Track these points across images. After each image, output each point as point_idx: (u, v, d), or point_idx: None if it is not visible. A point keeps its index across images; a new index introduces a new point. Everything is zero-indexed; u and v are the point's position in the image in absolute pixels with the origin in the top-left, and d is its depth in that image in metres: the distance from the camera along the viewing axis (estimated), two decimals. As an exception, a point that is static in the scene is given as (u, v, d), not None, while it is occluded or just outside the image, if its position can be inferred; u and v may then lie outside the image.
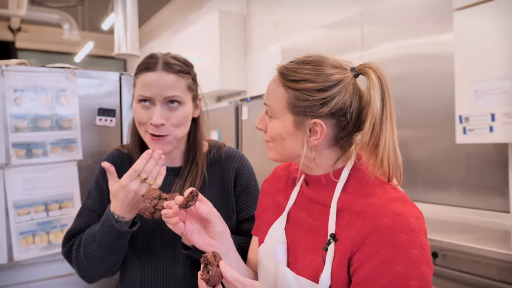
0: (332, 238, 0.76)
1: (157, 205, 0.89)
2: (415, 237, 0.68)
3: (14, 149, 1.33)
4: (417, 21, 2.79)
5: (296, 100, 0.77)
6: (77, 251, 1.03)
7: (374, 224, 0.70)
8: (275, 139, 0.82)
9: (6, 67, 1.34)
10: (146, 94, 0.99)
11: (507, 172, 2.34)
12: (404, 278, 0.66)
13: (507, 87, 2.09)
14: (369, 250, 0.69)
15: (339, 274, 0.73)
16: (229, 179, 1.11)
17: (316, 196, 0.84)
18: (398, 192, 0.75)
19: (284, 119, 0.80)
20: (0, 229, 1.31)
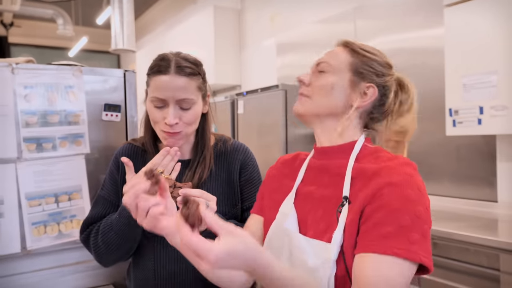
0: (345, 200, 0.80)
1: (173, 192, 0.96)
2: (422, 197, 0.75)
3: (25, 143, 1.39)
4: (408, 16, 2.87)
5: (360, 63, 0.88)
6: (95, 238, 1.10)
7: (386, 180, 0.75)
8: (322, 89, 0.88)
9: (16, 65, 1.39)
10: (159, 96, 1.04)
11: (495, 163, 2.43)
12: (408, 228, 0.71)
13: (494, 81, 2.17)
14: (380, 202, 0.74)
15: (351, 229, 0.77)
16: (235, 170, 1.18)
17: (327, 165, 0.89)
18: (410, 161, 0.82)
19: (341, 75, 0.88)
20: (13, 220, 1.38)
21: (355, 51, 0.90)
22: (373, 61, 0.89)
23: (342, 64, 0.89)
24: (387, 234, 0.72)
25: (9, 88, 1.38)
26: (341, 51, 0.91)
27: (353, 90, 0.87)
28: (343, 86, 0.87)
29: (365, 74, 0.88)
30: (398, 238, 0.71)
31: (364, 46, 0.92)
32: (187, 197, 0.73)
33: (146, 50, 6.52)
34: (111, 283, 1.55)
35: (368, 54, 0.90)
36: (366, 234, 0.74)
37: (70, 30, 6.10)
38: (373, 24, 3.12)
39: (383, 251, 0.71)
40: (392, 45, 2.97)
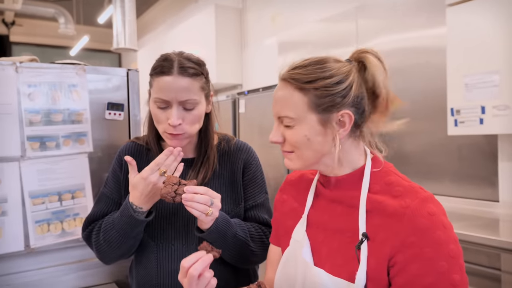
0: (364, 237, 0.78)
1: (178, 190, 0.97)
2: (450, 233, 0.73)
3: (29, 142, 1.40)
4: (410, 15, 2.87)
5: (318, 99, 0.79)
6: (97, 236, 1.12)
7: (412, 225, 0.73)
8: (300, 144, 0.82)
9: (20, 63, 1.40)
10: (162, 97, 1.04)
11: (497, 163, 2.43)
12: (448, 273, 0.71)
13: (496, 80, 2.18)
14: (413, 251, 0.72)
15: (377, 274, 0.76)
16: (238, 169, 1.18)
17: (339, 197, 0.85)
18: (426, 191, 0.78)
19: (308, 122, 0.81)
20: (17, 218, 1.38)
21: (302, 88, 0.80)
22: (328, 87, 0.79)
23: (301, 109, 0.80)
24: (430, 285, 0.71)
25: (13, 86, 1.38)
26: (291, 93, 0.81)
27: (327, 128, 0.81)
28: (317, 131, 0.81)
29: (329, 106, 0.79)
30: (440, 286, 0.71)
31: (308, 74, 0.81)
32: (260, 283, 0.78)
33: (148, 49, 6.53)
34: (114, 281, 1.56)
35: (318, 84, 0.79)
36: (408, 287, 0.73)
37: (71, 29, 6.10)
38: (375, 23, 3.13)
39: None
40: (393, 45, 2.97)
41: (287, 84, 0.83)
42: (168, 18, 6.58)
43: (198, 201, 0.95)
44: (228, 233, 1.05)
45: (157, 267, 1.12)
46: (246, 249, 1.10)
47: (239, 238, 1.07)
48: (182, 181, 0.98)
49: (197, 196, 0.95)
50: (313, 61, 0.83)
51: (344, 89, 0.80)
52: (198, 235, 1.04)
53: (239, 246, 1.08)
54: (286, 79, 0.83)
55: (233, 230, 1.06)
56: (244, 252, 1.10)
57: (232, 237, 1.06)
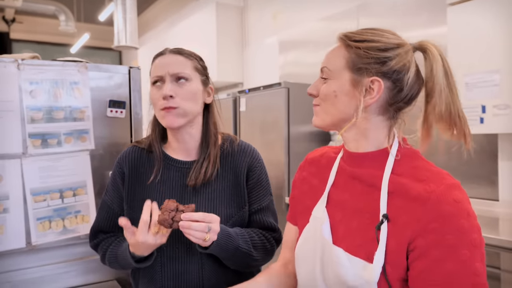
0: (385, 218, 0.77)
1: (175, 216, 0.97)
2: (473, 222, 0.72)
3: (31, 139, 1.40)
4: (411, 14, 2.87)
5: (357, 58, 0.80)
6: (103, 258, 1.18)
7: (436, 211, 0.72)
8: (327, 98, 0.83)
9: (22, 61, 1.40)
10: (156, 74, 1.10)
11: (497, 162, 2.44)
12: (470, 261, 0.69)
13: (497, 80, 2.18)
14: (434, 237, 0.71)
15: (395, 256, 0.75)
16: (242, 173, 1.16)
17: (360, 174, 0.84)
18: (453, 179, 0.77)
19: (341, 78, 0.82)
20: (18, 215, 1.39)
21: (349, 46, 0.82)
22: (370, 50, 0.80)
23: (339, 64, 0.82)
24: (451, 272, 0.70)
25: (15, 83, 1.38)
26: (338, 49, 0.84)
27: (356, 89, 0.80)
28: (345, 89, 0.81)
29: (365, 68, 0.79)
30: (463, 274, 0.70)
31: (360, 34, 0.82)
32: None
33: (148, 47, 6.52)
34: (115, 279, 1.56)
35: (363, 44, 0.80)
36: (427, 273, 0.72)
37: (72, 26, 6.10)
38: (376, 22, 3.12)
39: None
40: (394, 44, 2.97)
41: (340, 41, 0.85)
42: (169, 16, 6.57)
43: (195, 229, 0.96)
44: (230, 246, 1.05)
45: (161, 270, 1.12)
46: (249, 258, 1.10)
47: (242, 250, 1.07)
48: (180, 207, 0.98)
49: (194, 224, 0.95)
50: (373, 28, 0.85)
51: (385, 57, 0.79)
52: (200, 250, 1.04)
53: (242, 256, 1.08)
54: (341, 36, 0.85)
55: (235, 243, 1.06)
56: (246, 260, 1.10)
57: (234, 249, 1.06)
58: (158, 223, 0.98)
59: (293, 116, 3.29)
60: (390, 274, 0.75)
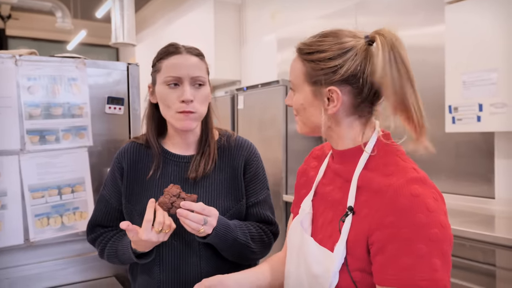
0: (349, 211, 0.79)
1: (175, 202, 0.98)
2: (434, 217, 0.70)
3: (29, 135, 1.40)
4: (409, 13, 2.88)
5: (312, 71, 0.83)
6: (101, 253, 1.18)
7: (392, 205, 0.72)
8: (299, 110, 0.88)
9: (20, 56, 1.39)
10: (175, 75, 1.07)
11: (493, 160, 2.45)
12: (427, 256, 0.68)
13: (494, 78, 2.19)
14: (390, 231, 0.71)
15: (356, 248, 0.77)
16: (239, 166, 1.18)
17: (339, 170, 0.88)
18: (418, 172, 0.77)
19: (303, 91, 0.86)
20: (16, 211, 1.38)
21: (304, 59, 0.85)
22: (320, 61, 0.82)
23: (299, 78, 0.86)
24: (407, 266, 0.70)
25: (13, 79, 1.38)
26: (296, 62, 0.88)
27: (318, 100, 0.83)
28: (309, 101, 0.85)
29: (320, 79, 0.82)
30: (419, 268, 0.69)
31: (309, 46, 0.85)
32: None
33: (146, 44, 6.51)
34: (113, 275, 1.56)
35: (313, 57, 0.83)
36: (385, 268, 0.72)
37: (68, 23, 6.06)
38: (374, 20, 3.13)
39: (407, 284, 0.70)
40: (392, 42, 2.98)
41: (296, 53, 0.89)
42: (166, 13, 6.56)
43: (191, 219, 0.96)
44: (229, 237, 1.06)
45: (159, 264, 1.12)
46: (247, 250, 1.11)
47: (240, 241, 1.08)
48: (182, 194, 0.99)
49: (191, 214, 0.96)
50: (327, 32, 0.86)
51: (335, 66, 0.80)
52: (199, 240, 1.05)
53: (240, 248, 1.09)
54: (296, 49, 0.89)
55: (234, 234, 1.07)
56: (244, 252, 1.11)
57: (233, 240, 1.07)
58: (157, 204, 0.99)
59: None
60: (351, 265, 0.77)
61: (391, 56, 0.77)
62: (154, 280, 1.13)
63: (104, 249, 1.16)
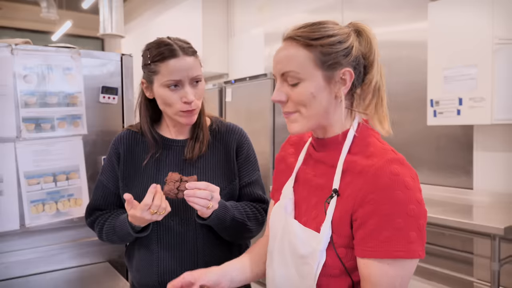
0: (334, 193, 0.83)
1: (180, 186, 1.03)
2: (412, 194, 0.76)
3: (24, 123, 1.42)
4: (395, 9, 2.95)
5: (323, 55, 0.82)
6: (100, 233, 1.22)
7: (373, 183, 0.77)
8: (306, 102, 0.84)
9: (15, 46, 1.42)
10: (175, 78, 1.11)
11: (472, 152, 2.56)
12: (404, 230, 0.74)
13: (473, 74, 2.28)
14: (371, 207, 0.77)
15: (341, 226, 0.81)
16: (231, 149, 1.25)
17: (323, 157, 0.90)
18: (397, 154, 0.82)
19: (314, 78, 0.82)
20: (12, 197, 1.41)
21: (309, 45, 0.82)
22: (333, 45, 0.82)
23: (307, 65, 0.82)
24: (386, 239, 0.75)
25: (9, 68, 1.40)
26: (296, 50, 0.84)
27: (331, 84, 0.83)
28: (322, 87, 0.83)
29: (334, 63, 0.82)
30: (396, 241, 0.75)
31: (314, 32, 0.83)
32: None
33: (132, 36, 6.47)
34: (107, 260, 1.61)
35: (324, 41, 0.82)
36: (366, 241, 0.78)
37: (54, 13, 5.98)
38: (361, 16, 3.20)
39: (385, 255, 0.76)
40: (378, 38, 3.05)
41: (293, 42, 0.84)
42: (154, 5, 6.52)
43: (199, 196, 1.02)
44: (227, 217, 1.12)
45: (157, 242, 1.18)
46: (244, 228, 1.18)
47: (237, 220, 1.15)
48: (184, 178, 1.05)
49: (199, 192, 1.02)
50: (315, 22, 0.86)
51: (346, 48, 0.83)
52: (200, 222, 1.11)
53: (237, 226, 1.15)
54: (293, 37, 0.84)
55: (231, 213, 1.13)
56: (241, 231, 1.18)
57: (230, 220, 1.13)
58: (164, 194, 1.03)
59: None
60: (337, 243, 0.82)
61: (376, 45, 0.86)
62: (153, 256, 1.18)
63: (102, 229, 1.20)
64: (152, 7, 6.57)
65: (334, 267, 0.82)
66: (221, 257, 1.20)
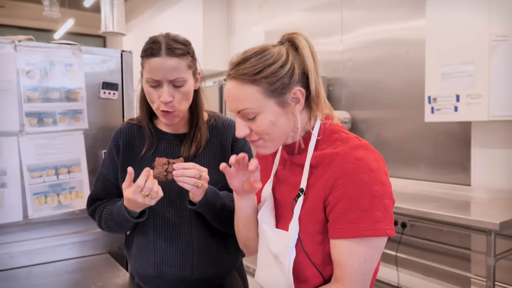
0: (301, 192, 0.90)
1: (168, 168, 1.07)
2: (376, 176, 0.82)
3: (27, 118, 1.46)
4: (394, 7, 2.98)
5: (270, 85, 0.86)
6: (99, 221, 1.26)
7: (340, 169, 0.83)
8: (268, 130, 0.89)
9: (19, 42, 1.45)
10: (153, 77, 1.13)
11: (469, 149, 2.58)
12: (369, 210, 0.81)
13: (470, 70, 2.31)
14: (339, 192, 0.83)
15: (314, 213, 0.87)
16: (227, 143, 1.28)
17: (296, 160, 0.96)
18: (361, 140, 0.88)
19: (268, 108, 0.87)
20: (16, 190, 1.45)
21: (254, 80, 0.86)
22: (274, 72, 0.86)
23: (259, 99, 0.86)
24: (353, 220, 0.81)
25: (12, 64, 1.44)
26: (242, 88, 0.87)
27: (286, 107, 0.88)
28: (279, 113, 0.88)
29: (282, 88, 0.87)
30: (363, 221, 0.81)
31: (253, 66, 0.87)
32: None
33: (134, 34, 6.50)
34: (107, 252, 1.64)
35: (265, 73, 0.86)
36: (335, 223, 0.84)
37: (56, 11, 6.02)
38: (360, 14, 3.22)
39: (352, 235, 0.82)
40: (376, 35, 3.08)
41: (238, 81, 0.88)
42: (156, 3, 6.55)
43: (188, 175, 1.05)
44: (218, 204, 1.15)
45: (153, 232, 1.21)
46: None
47: (228, 208, 1.18)
48: (171, 161, 1.08)
49: (187, 171, 1.05)
50: (252, 53, 0.89)
51: (288, 70, 0.88)
52: (190, 207, 1.14)
53: (228, 215, 1.18)
54: (235, 77, 0.88)
55: (222, 201, 1.17)
56: (232, 220, 1.19)
57: (221, 207, 1.16)
58: (154, 178, 1.06)
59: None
60: (304, 238, 0.88)
61: (312, 50, 0.90)
62: (150, 246, 1.22)
63: (101, 216, 1.24)
64: (153, 5, 6.60)
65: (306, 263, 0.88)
66: (216, 249, 1.23)
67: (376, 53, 3.07)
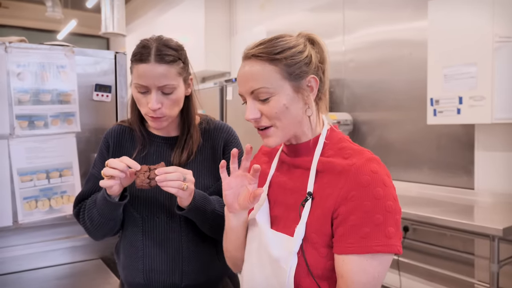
0: (309, 196, 0.86)
1: (150, 175, 1.04)
2: (389, 191, 0.80)
3: (18, 120, 1.43)
4: (396, 8, 2.93)
5: (288, 67, 0.86)
6: (83, 213, 1.20)
7: (355, 180, 0.80)
8: (280, 114, 0.87)
9: (10, 43, 1.42)
10: (142, 83, 1.10)
11: (473, 152, 2.53)
12: (383, 225, 0.78)
13: (473, 72, 2.26)
14: (352, 204, 0.79)
15: (321, 225, 0.83)
16: (219, 147, 1.25)
17: (297, 162, 0.93)
18: (372, 154, 0.86)
19: (283, 90, 0.86)
20: (5, 194, 1.42)
21: (273, 59, 0.86)
22: (295, 56, 0.87)
23: (276, 80, 0.86)
24: (365, 235, 0.78)
25: (3, 66, 1.41)
26: (262, 67, 0.86)
27: (300, 93, 0.87)
28: (292, 98, 0.87)
29: (299, 72, 0.87)
30: (375, 236, 0.78)
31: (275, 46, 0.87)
32: None
33: (137, 35, 6.49)
34: (99, 257, 1.61)
35: (286, 54, 0.86)
36: (346, 237, 0.80)
37: (59, 12, 6.01)
38: (362, 14, 3.18)
39: (364, 251, 0.78)
40: (379, 36, 3.03)
41: (256, 60, 0.87)
42: (157, 4, 6.54)
43: (171, 179, 1.01)
44: (207, 208, 1.12)
45: (142, 239, 1.18)
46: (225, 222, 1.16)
47: (218, 213, 1.14)
48: (152, 167, 1.05)
49: (169, 175, 1.01)
50: (272, 37, 0.89)
51: (307, 57, 0.88)
52: (179, 212, 1.11)
53: (218, 220, 1.14)
54: (255, 55, 0.87)
55: (212, 206, 1.13)
56: (222, 225, 1.16)
57: (211, 212, 1.13)
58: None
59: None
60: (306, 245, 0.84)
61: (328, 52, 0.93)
62: (139, 254, 1.18)
63: (85, 209, 1.19)
64: (155, 5, 6.59)
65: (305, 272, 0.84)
66: (207, 255, 1.20)
67: (378, 54, 3.03)
